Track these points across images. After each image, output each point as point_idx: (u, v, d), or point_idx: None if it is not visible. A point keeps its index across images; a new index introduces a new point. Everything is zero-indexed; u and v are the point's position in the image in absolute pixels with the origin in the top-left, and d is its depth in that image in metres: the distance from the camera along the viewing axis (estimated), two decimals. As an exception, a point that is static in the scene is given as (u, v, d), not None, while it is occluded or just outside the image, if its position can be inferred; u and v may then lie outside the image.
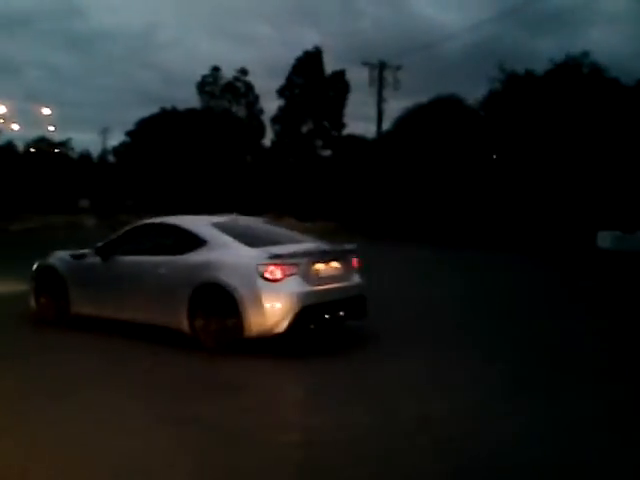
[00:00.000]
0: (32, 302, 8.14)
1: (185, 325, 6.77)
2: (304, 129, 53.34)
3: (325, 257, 7.06)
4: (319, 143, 53.35)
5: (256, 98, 55.65)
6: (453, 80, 70.52)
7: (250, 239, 7.06)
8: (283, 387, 5.72)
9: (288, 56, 53.12)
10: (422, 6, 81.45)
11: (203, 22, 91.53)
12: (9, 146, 55.89)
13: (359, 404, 4.82)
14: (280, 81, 53.08)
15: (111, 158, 68.89)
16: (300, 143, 52.28)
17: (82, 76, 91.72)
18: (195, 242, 7.08)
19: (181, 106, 55.83)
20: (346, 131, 51.66)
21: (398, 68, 35.05)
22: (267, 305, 6.36)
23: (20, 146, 60.03)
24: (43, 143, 64.68)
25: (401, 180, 31.75)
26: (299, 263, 6.62)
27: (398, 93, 35.69)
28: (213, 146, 49.33)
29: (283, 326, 6.39)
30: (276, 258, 6.51)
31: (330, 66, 52.73)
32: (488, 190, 28.03)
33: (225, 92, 56.02)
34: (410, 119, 34.17)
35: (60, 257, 8.25)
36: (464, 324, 8.31)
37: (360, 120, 45.77)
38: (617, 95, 26.92)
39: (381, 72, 35.10)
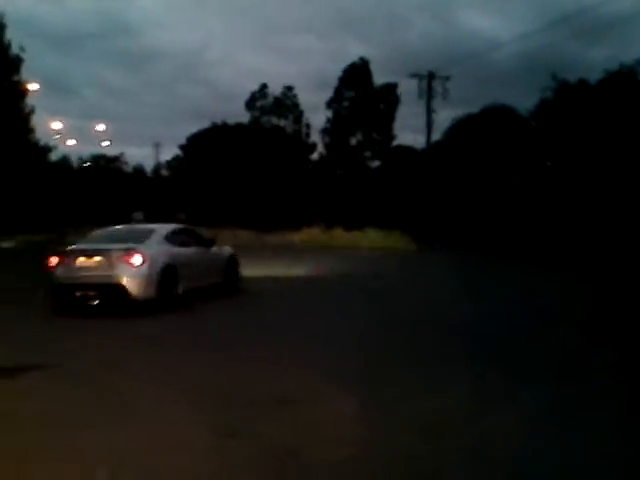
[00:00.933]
0: None
1: None
2: (353, 141, 53.46)
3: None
4: (368, 154, 53.36)
5: (301, 113, 56.36)
6: (503, 90, 69.48)
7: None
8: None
9: (336, 68, 53.54)
10: (469, 15, 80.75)
11: (251, 38, 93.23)
12: (63, 161, 57.77)
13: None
14: (328, 93, 53.42)
15: (164, 172, 70.57)
16: (349, 155, 52.39)
17: (135, 93, 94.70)
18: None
19: (231, 121, 56.76)
20: (396, 142, 51.54)
21: (447, 78, 34.89)
22: None
23: (75, 161, 62.10)
24: (100, 159, 66.84)
25: (452, 190, 31.42)
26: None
27: (447, 103, 35.52)
28: (263, 160, 49.92)
29: None
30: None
31: (378, 77, 52.77)
32: (542, 201, 27.38)
33: (274, 108, 56.82)
34: (460, 129, 33.86)
35: None
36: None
37: (409, 131, 45.78)
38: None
39: (430, 83, 34.97)
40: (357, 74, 52.55)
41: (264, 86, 56.54)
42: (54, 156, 48.84)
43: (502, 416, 4.90)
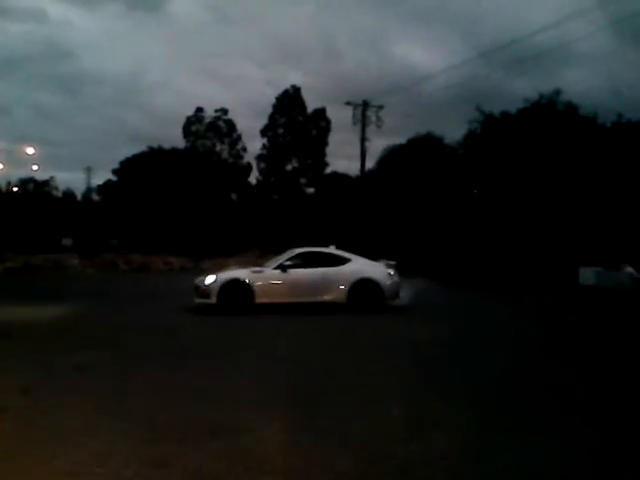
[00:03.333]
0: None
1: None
2: (289, 167, 53.99)
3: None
4: (303, 181, 53.97)
5: (239, 137, 56.34)
6: (435, 119, 71.90)
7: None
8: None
9: (273, 96, 54.02)
10: (403, 48, 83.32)
11: (189, 64, 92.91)
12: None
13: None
14: (265, 120, 53.91)
15: (95, 196, 68.94)
16: (285, 181, 52.83)
17: (70, 117, 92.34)
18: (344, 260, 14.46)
19: (167, 146, 56.23)
20: (330, 169, 52.37)
21: (380, 107, 35.91)
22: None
23: (2, 186, 59.84)
24: (28, 183, 64.67)
25: (384, 216, 32.19)
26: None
27: (381, 132, 36.49)
28: (198, 184, 49.56)
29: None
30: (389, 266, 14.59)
31: (314, 106, 53.69)
32: (468, 226, 28.45)
33: (209, 131, 56.65)
34: (391, 157, 34.90)
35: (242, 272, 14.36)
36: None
37: (344, 158, 46.65)
38: (594, 133, 27.62)
39: (364, 111, 35.90)
40: (290, 101, 53.32)
41: (199, 109, 56.35)
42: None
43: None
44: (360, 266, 14.24)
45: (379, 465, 4.54)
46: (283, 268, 14.04)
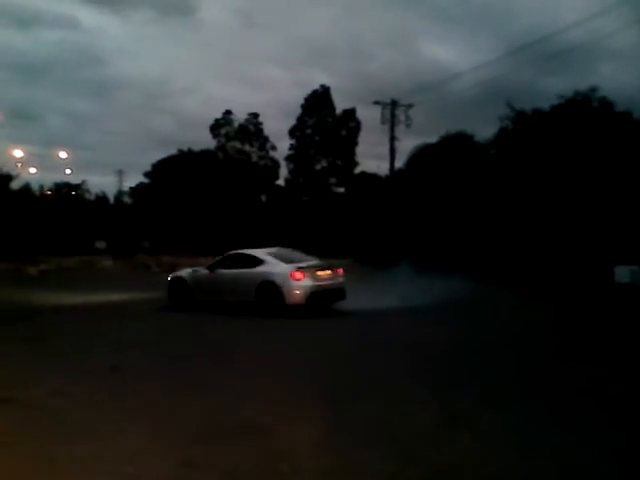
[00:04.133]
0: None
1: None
2: (318, 167, 54.04)
3: (322, 268, 14.12)
4: (333, 181, 53.95)
5: (266, 139, 56.74)
6: (464, 117, 71.11)
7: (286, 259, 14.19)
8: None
9: (301, 98, 54.13)
10: (431, 47, 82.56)
11: (218, 69, 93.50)
12: (25, 189, 56.78)
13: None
14: (294, 122, 54.06)
15: (127, 199, 69.82)
16: (314, 181, 52.88)
17: (101, 121, 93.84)
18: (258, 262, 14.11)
19: (196, 148, 56.78)
20: (360, 169, 52.23)
21: (409, 106, 35.63)
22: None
23: (37, 189, 60.92)
24: (64, 187, 65.85)
25: (414, 216, 31.88)
26: (309, 271, 13.64)
27: (410, 131, 36.25)
28: (228, 186, 49.93)
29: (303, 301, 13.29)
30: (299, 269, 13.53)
31: (342, 107, 53.63)
32: (501, 226, 28.00)
33: (238, 134, 57.12)
34: (421, 157, 34.52)
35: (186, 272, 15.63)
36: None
37: (374, 158, 46.42)
38: (630, 128, 26.93)
39: (393, 110, 35.67)
40: (319, 101, 53.36)
41: (228, 112, 56.86)
42: (16, 184, 48.04)
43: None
44: (268, 269, 13.78)
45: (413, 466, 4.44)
46: (211, 268, 14.88)
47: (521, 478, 4.33)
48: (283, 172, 55.78)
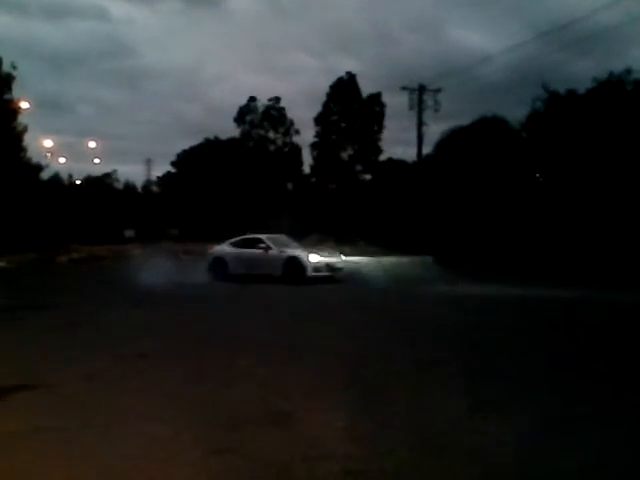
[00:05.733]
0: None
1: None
2: (344, 154, 53.66)
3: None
4: (359, 167, 53.55)
5: (291, 123, 56.44)
6: (493, 102, 69.98)
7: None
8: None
9: (327, 85, 53.73)
10: (458, 32, 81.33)
11: (246, 57, 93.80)
12: (55, 179, 57.51)
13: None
14: (320, 109, 53.73)
15: (155, 188, 70.38)
16: (340, 168, 52.55)
17: (130, 111, 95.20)
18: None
19: (223, 137, 56.83)
20: (387, 155, 51.73)
21: (437, 91, 35.02)
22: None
23: (66, 179, 61.60)
24: (92, 176, 66.65)
25: (443, 202, 31.36)
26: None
27: (438, 117, 35.60)
28: (254, 173, 49.93)
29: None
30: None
31: (370, 92, 53.05)
32: (534, 213, 27.32)
33: (263, 121, 56.99)
34: (451, 141, 33.86)
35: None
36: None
37: (401, 144, 45.93)
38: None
39: (420, 95, 35.07)
40: (345, 88, 52.90)
41: (252, 99, 56.71)
42: (46, 174, 48.60)
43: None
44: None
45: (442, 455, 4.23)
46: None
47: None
48: (307, 159, 55.58)
